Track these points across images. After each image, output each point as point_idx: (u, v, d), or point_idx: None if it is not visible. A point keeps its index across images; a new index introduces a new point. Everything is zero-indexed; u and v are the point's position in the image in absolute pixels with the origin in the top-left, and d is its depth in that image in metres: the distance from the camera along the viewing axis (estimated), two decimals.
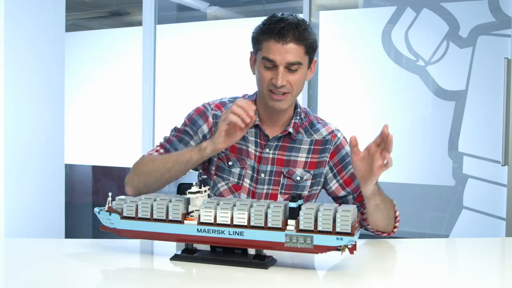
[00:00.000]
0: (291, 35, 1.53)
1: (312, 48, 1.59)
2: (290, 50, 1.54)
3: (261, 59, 1.57)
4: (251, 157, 1.68)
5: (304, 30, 1.55)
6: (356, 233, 1.24)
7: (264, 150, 1.68)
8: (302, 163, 1.69)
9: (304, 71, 1.59)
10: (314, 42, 1.59)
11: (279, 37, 1.53)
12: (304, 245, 1.24)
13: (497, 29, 2.90)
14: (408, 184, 3.15)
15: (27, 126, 2.73)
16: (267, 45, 1.55)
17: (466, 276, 1.38)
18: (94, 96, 4.05)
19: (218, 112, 1.69)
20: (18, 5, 2.64)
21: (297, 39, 1.54)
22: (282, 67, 1.54)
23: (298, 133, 1.71)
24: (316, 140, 1.71)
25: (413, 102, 3.13)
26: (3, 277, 1.32)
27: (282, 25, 1.53)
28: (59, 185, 2.93)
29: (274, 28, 1.54)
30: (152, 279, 1.30)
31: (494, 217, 2.92)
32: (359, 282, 1.27)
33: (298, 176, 1.68)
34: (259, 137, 1.69)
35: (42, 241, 1.88)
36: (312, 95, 3.34)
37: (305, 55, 1.58)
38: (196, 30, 3.69)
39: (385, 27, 3.16)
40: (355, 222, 1.25)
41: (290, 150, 1.69)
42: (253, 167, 1.68)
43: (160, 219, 1.34)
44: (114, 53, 3.97)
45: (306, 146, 1.70)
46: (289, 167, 1.68)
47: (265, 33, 1.56)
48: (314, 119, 1.76)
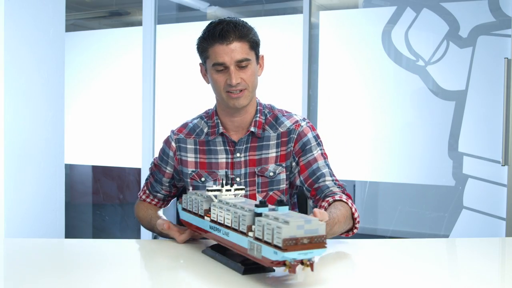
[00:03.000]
0: (232, 34, 1.60)
1: (255, 43, 1.66)
2: (235, 49, 1.60)
3: (212, 66, 1.64)
4: (222, 167, 1.73)
5: (243, 27, 1.63)
6: (297, 253, 1.04)
7: (235, 155, 1.72)
8: (273, 159, 1.73)
9: (253, 66, 1.66)
10: (256, 37, 1.67)
11: (222, 38, 1.60)
12: (257, 255, 1.13)
13: (497, 29, 2.90)
14: (408, 184, 3.15)
15: (27, 126, 2.73)
16: (213, 50, 1.62)
17: (466, 276, 1.38)
18: (94, 96, 4.05)
19: (180, 136, 1.78)
20: (18, 5, 2.64)
21: (239, 37, 1.61)
22: (233, 66, 1.61)
23: (264, 131, 1.74)
24: (282, 132, 1.74)
25: (413, 102, 3.13)
26: (3, 277, 1.32)
27: (221, 27, 1.61)
28: (59, 185, 2.93)
29: (214, 31, 1.61)
30: (152, 279, 1.30)
31: (494, 217, 2.93)
32: (359, 282, 1.27)
33: (271, 172, 1.72)
34: (227, 144, 1.74)
35: (42, 241, 1.89)
36: (312, 95, 3.34)
37: (251, 51, 1.64)
38: (196, 30, 3.68)
39: (385, 27, 3.16)
40: (304, 238, 1.05)
41: (260, 149, 1.73)
42: (226, 176, 1.64)
43: (192, 212, 1.46)
44: (114, 53, 3.97)
45: (274, 141, 1.73)
46: (262, 165, 1.72)
47: (208, 39, 1.63)
48: (278, 113, 1.78)
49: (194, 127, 1.78)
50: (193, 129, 1.77)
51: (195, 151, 1.75)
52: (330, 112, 3.30)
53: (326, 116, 3.31)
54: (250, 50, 1.64)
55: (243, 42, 1.62)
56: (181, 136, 1.77)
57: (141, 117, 3.78)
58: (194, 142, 1.75)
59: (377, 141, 3.18)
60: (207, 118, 1.78)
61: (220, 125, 1.73)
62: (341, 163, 3.20)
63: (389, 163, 3.15)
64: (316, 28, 3.33)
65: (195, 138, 1.76)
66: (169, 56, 3.74)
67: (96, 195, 4.58)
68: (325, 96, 3.31)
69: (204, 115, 1.80)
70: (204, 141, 1.75)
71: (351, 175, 3.26)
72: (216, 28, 1.61)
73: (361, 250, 1.56)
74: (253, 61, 1.65)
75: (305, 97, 3.30)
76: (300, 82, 3.31)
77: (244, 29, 1.63)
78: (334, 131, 3.27)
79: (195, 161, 1.74)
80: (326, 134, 3.28)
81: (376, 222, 3.40)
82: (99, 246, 1.52)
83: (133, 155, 3.84)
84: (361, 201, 3.39)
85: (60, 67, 2.94)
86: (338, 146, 3.23)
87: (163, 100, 3.76)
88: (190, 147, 1.75)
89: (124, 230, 4.43)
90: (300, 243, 1.04)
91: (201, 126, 1.77)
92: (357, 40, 3.25)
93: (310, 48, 3.31)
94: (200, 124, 1.78)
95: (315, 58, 3.33)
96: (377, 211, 3.36)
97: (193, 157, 1.74)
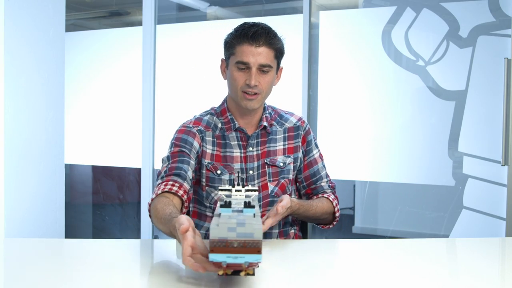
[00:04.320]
0: (263, 39, 1.68)
1: (280, 53, 1.75)
2: (262, 53, 1.68)
3: (235, 63, 1.70)
4: (237, 160, 1.81)
5: (274, 36, 1.72)
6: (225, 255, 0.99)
7: (247, 150, 1.81)
8: (281, 151, 1.85)
9: (273, 75, 1.75)
10: (282, 48, 1.76)
11: (253, 40, 1.67)
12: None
13: (497, 29, 2.90)
14: (408, 184, 3.15)
15: (27, 126, 2.73)
16: (241, 49, 1.69)
17: (466, 276, 1.38)
18: (94, 96, 4.05)
19: (200, 127, 1.81)
20: (18, 5, 2.64)
21: (268, 44, 1.69)
22: (255, 68, 1.68)
23: (272, 126, 1.86)
24: (289, 127, 1.88)
25: (413, 102, 3.13)
26: (3, 277, 1.32)
27: (255, 30, 1.68)
28: (59, 185, 2.93)
29: (248, 32, 1.68)
30: (152, 279, 1.30)
31: (494, 217, 2.93)
32: (359, 282, 1.27)
33: (281, 162, 1.83)
34: (240, 139, 1.82)
35: (42, 241, 1.89)
36: (312, 95, 3.34)
37: (274, 59, 1.73)
38: (196, 30, 3.69)
39: (385, 27, 3.16)
40: (234, 241, 0.98)
41: (269, 142, 1.85)
42: (241, 169, 1.81)
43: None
44: (114, 53, 3.97)
45: (281, 135, 1.86)
46: (271, 156, 1.84)
47: (238, 38, 1.69)
48: (281, 111, 1.92)
49: (208, 121, 1.84)
50: (208, 123, 1.83)
51: (213, 143, 1.81)
52: (330, 112, 3.30)
53: (326, 116, 3.31)
54: (274, 58, 1.73)
55: (271, 49, 1.70)
56: (202, 128, 1.81)
57: (141, 117, 3.78)
58: (212, 135, 1.81)
59: (377, 141, 3.18)
60: (217, 115, 1.85)
61: (235, 121, 1.81)
62: (341, 163, 3.20)
63: (389, 163, 3.15)
64: (316, 28, 3.33)
65: (212, 131, 1.82)
66: (169, 56, 3.74)
67: (96, 195, 4.58)
68: (325, 96, 3.31)
69: (212, 112, 1.86)
70: (220, 135, 1.82)
71: (351, 175, 3.26)
72: (250, 29, 1.68)
73: (361, 250, 1.56)
74: (273, 70, 1.74)
75: (305, 97, 3.30)
76: (300, 82, 3.31)
77: (275, 37, 1.72)
78: (334, 131, 3.27)
79: (211, 153, 1.80)
80: (326, 134, 3.28)
81: (376, 222, 3.40)
82: (99, 246, 1.52)
83: (133, 155, 3.84)
84: (361, 201, 3.39)
85: (60, 67, 2.94)
86: (338, 146, 3.23)
87: (163, 100, 3.76)
88: (209, 139, 1.81)
89: (124, 230, 4.43)
90: (230, 246, 0.99)
91: (213, 121, 1.83)
92: (357, 40, 3.25)
93: (310, 48, 3.31)
94: (212, 120, 1.84)
95: (315, 58, 3.33)
96: (377, 211, 3.36)
97: (211, 149, 1.80)
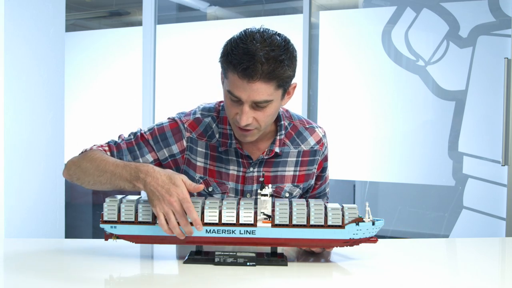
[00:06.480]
0: (258, 74, 1.30)
1: (284, 81, 1.36)
2: (257, 90, 1.32)
3: (227, 91, 1.37)
4: (233, 179, 1.52)
5: (274, 62, 1.30)
6: None
7: (248, 170, 1.52)
8: (290, 178, 1.56)
9: (275, 105, 1.39)
10: (287, 73, 1.35)
11: (243, 76, 1.30)
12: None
13: (497, 29, 2.90)
14: (408, 184, 3.15)
15: (27, 126, 2.73)
16: (232, 79, 1.33)
17: (466, 276, 1.38)
18: (94, 96, 4.05)
19: (192, 135, 1.52)
20: (18, 5, 2.64)
21: (266, 77, 1.31)
22: (248, 105, 1.35)
23: (284, 146, 1.55)
24: (304, 151, 1.57)
25: (413, 102, 3.13)
26: (3, 277, 1.32)
27: (248, 65, 1.29)
28: (59, 185, 2.93)
29: (239, 63, 1.30)
30: (152, 279, 1.30)
31: (494, 217, 2.93)
32: (359, 282, 1.27)
33: (287, 192, 1.56)
34: (240, 156, 1.52)
35: (42, 241, 1.89)
36: (312, 95, 3.34)
37: (276, 90, 1.35)
38: (196, 30, 3.69)
39: (385, 27, 3.16)
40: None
41: (276, 165, 1.54)
42: (235, 189, 1.53)
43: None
44: (114, 53, 3.97)
45: (293, 158, 1.55)
46: (277, 184, 1.54)
47: (230, 64, 1.33)
48: (300, 126, 1.60)
49: (206, 127, 1.52)
50: (205, 130, 1.52)
51: (205, 156, 1.52)
52: (330, 112, 3.30)
53: (326, 116, 3.31)
54: (276, 89, 1.35)
55: (269, 83, 1.32)
56: (194, 136, 1.51)
57: (141, 117, 3.79)
58: (206, 145, 1.52)
59: (377, 141, 3.18)
60: (219, 120, 1.53)
61: (234, 138, 1.50)
62: (341, 163, 3.20)
63: (389, 163, 3.15)
64: (316, 28, 3.33)
65: (207, 141, 1.52)
66: (169, 56, 3.74)
67: (96, 195, 4.58)
68: (325, 96, 3.31)
69: (215, 115, 1.54)
70: (215, 146, 1.52)
71: (351, 175, 3.26)
72: (242, 60, 1.30)
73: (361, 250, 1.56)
74: (276, 100, 1.37)
75: (305, 97, 3.30)
76: (300, 82, 3.31)
77: (276, 69, 1.31)
78: (334, 131, 3.27)
79: (204, 167, 1.52)
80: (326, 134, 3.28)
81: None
82: (99, 246, 1.52)
83: None
84: (361, 201, 3.39)
85: (60, 67, 2.93)
86: (338, 146, 3.23)
87: (163, 100, 3.76)
88: (201, 150, 1.51)
89: None
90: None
91: (212, 128, 1.53)
92: (357, 40, 3.25)
93: (310, 48, 3.31)
94: (212, 126, 1.53)
95: (315, 58, 3.33)
96: (377, 211, 3.36)
97: (202, 162, 1.52)
